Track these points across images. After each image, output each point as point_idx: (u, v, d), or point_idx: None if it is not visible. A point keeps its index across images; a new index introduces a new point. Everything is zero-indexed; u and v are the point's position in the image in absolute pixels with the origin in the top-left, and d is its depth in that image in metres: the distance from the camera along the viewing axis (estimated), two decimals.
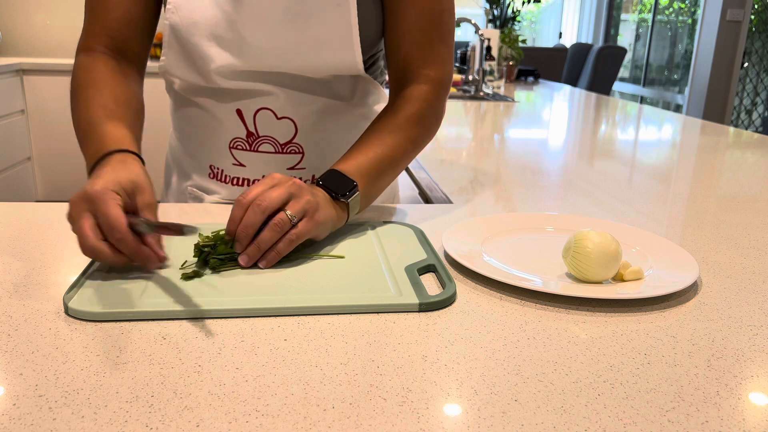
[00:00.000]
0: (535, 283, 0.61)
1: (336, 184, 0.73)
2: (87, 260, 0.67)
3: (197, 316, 0.54)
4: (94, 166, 0.69)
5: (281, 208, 0.65)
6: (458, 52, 3.88)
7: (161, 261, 0.61)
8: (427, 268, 0.66)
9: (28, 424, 0.40)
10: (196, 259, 0.65)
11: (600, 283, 0.63)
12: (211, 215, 0.85)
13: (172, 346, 0.50)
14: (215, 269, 0.64)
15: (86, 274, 0.61)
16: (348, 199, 0.73)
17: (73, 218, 0.61)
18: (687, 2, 5.90)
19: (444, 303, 0.58)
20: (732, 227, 0.87)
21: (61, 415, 0.41)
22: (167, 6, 0.83)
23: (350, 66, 0.85)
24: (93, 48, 0.85)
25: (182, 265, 0.65)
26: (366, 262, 0.67)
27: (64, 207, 0.85)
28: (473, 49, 3.10)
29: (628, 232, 0.77)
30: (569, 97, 2.96)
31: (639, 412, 0.43)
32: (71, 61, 3.41)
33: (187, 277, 0.61)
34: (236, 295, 0.58)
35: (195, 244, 0.65)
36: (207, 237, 0.66)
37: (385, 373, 0.47)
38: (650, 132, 1.88)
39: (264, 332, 0.52)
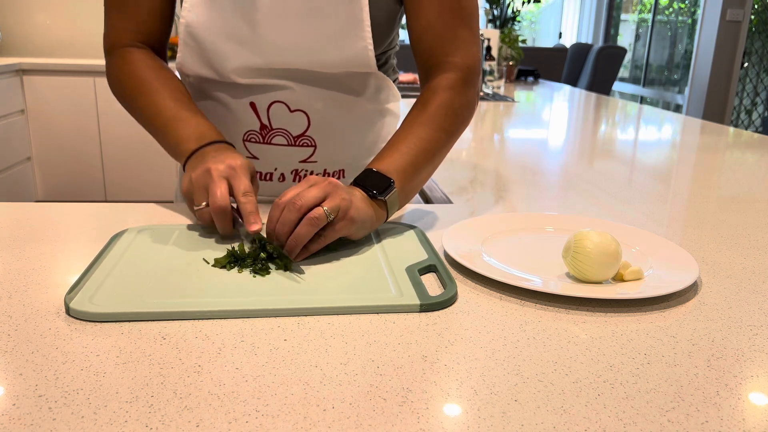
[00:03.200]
0: (535, 283, 0.61)
1: (372, 183, 0.73)
2: (88, 260, 0.67)
3: (197, 317, 0.54)
4: (195, 150, 0.77)
5: (317, 205, 0.66)
6: None
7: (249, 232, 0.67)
8: (428, 269, 0.66)
9: (27, 424, 0.40)
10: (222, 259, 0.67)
11: (600, 283, 0.63)
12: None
13: (172, 346, 0.50)
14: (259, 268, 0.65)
15: (87, 275, 0.61)
16: (385, 197, 0.72)
17: (211, 181, 0.69)
18: (687, 2, 5.90)
19: (445, 303, 0.58)
20: (732, 227, 0.87)
21: (61, 415, 0.41)
22: (184, 4, 0.84)
23: (363, 60, 0.85)
24: (124, 43, 0.88)
25: (214, 264, 0.65)
26: (367, 263, 0.67)
27: (64, 207, 0.85)
28: None
29: (628, 232, 0.77)
30: (569, 97, 2.95)
31: (639, 412, 0.43)
32: (71, 61, 3.41)
33: (221, 264, 0.65)
34: (236, 296, 0.58)
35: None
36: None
37: (385, 374, 0.47)
38: (650, 132, 1.88)
39: (264, 332, 0.52)
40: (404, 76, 3.20)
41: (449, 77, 0.83)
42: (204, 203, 0.71)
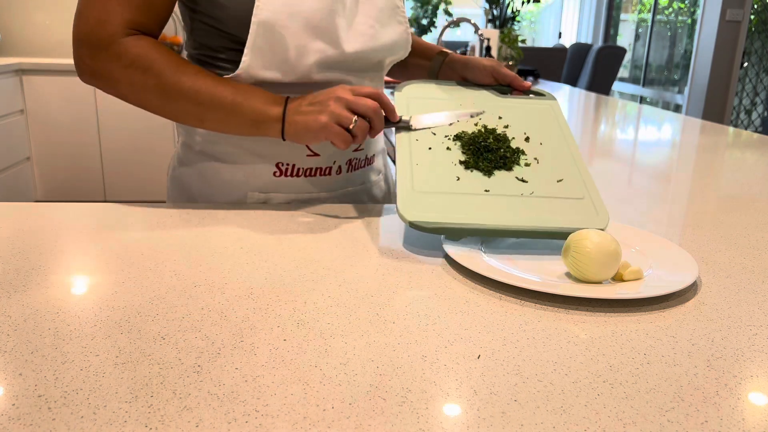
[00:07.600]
0: (535, 283, 0.61)
1: None
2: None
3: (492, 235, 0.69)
4: (286, 105, 0.82)
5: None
6: (458, 52, 3.88)
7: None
8: None
9: (27, 424, 0.40)
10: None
11: (600, 283, 0.63)
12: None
13: (171, 345, 0.50)
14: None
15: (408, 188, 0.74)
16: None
17: (349, 96, 0.79)
18: (686, 2, 5.90)
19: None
20: (732, 227, 0.87)
21: (61, 415, 0.41)
22: (256, 3, 0.80)
23: (405, 43, 0.96)
24: (121, 32, 0.80)
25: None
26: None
27: (64, 207, 0.85)
28: (473, 49, 3.10)
29: (628, 232, 0.77)
30: (569, 97, 2.95)
31: (639, 412, 0.43)
32: (71, 61, 3.40)
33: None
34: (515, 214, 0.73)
35: None
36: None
37: (385, 373, 0.47)
38: (650, 132, 1.88)
39: (263, 332, 0.52)
40: None
41: None
42: (355, 117, 0.79)
